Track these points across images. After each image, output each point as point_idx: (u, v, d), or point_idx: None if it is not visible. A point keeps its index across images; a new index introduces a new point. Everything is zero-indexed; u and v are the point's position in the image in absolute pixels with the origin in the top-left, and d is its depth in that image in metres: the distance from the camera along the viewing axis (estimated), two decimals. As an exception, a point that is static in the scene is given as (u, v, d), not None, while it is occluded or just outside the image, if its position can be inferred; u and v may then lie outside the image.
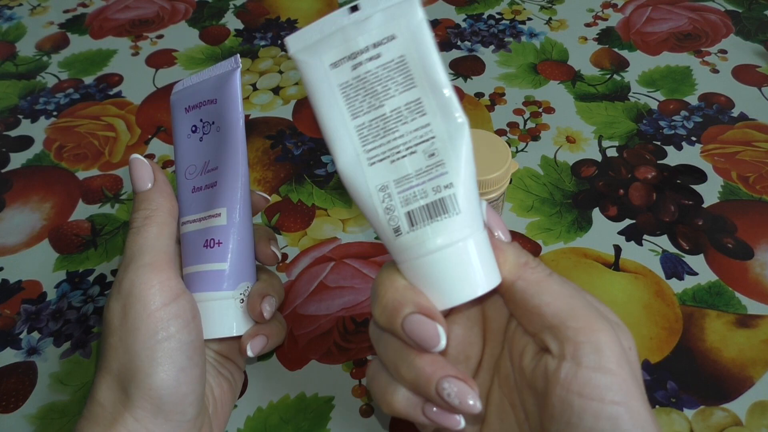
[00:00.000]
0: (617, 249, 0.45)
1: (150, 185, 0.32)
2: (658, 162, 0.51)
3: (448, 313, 0.29)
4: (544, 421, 0.25)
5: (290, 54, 0.26)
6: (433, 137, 0.25)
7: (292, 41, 0.26)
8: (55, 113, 0.59)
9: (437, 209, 0.25)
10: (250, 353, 0.32)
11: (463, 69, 0.61)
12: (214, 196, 0.32)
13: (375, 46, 0.26)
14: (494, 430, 0.28)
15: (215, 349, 0.34)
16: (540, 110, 0.56)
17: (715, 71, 0.59)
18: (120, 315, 0.29)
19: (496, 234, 0.27)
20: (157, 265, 0.30)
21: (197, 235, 0.32)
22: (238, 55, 0.33)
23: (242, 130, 0.32)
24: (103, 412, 0.29)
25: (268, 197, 0.37)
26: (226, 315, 0.32)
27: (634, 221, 0.46)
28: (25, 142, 0.56)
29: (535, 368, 0.26)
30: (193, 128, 0.33)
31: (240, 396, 0.38)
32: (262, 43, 0.66)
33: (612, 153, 0.52)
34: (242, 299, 0.32)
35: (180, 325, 0.29)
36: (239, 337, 0.33)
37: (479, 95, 0.58)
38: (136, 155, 0.33)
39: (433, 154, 0.25)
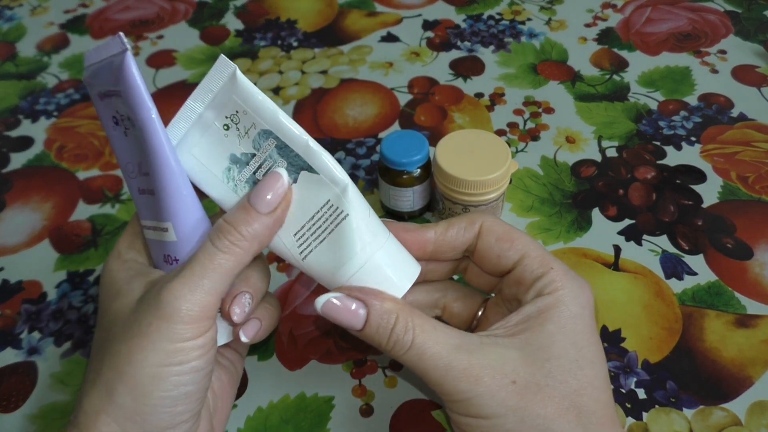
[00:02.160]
0: (617, 249, 0.45)
1: (268, 212, 0.28)
2: (658, 162, 0.51)
3: None
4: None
5: None
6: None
7: None
8: (55, 113, 0.59)
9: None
10: (244, 339, 0.30)
11: (462, 69, 0.61)
12: (157, 207, 0.28)
13: None
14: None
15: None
16: (540, 110, 0.56)
17: (715, 71, 0.59)
18: (138, 329, 0.26)
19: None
20: (204, 303, 0.27)
21: (156, 246, 0.29)
22: (121, 34, 0.27)
23: (159, 128, 0.27)
24: (86, 420, 0.27)
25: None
26: None
27: (633, 221, 0.46)
28: (26, 142, 0.56)
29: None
30: (114, 120, 0.28)
31: (240, 396, 0.38)
32: (262, 43, 0.66)
33: (612, 153, 0.52)
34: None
35: (199, 354, 0.27)
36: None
37: (479, 95, 0.58)
38: (281, 170, 0.28)
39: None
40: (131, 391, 0.26)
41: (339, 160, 0.52)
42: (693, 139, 0.53)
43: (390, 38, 0.65)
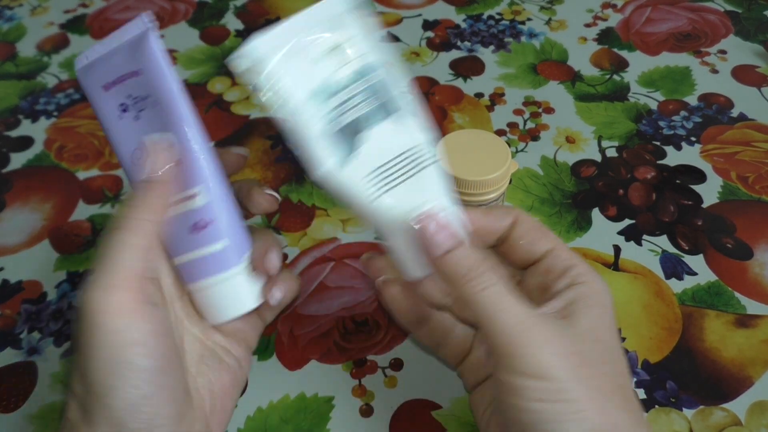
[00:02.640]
0: (617, 249, 0.45)
1: (146, 179, 0.28)
2: (658, 162, 0.51)
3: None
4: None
5: None
6: None
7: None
8: (55, 113, 0.59)
9: None
10: (274, 301, 0.30)
11: (462, 69, 0.61)
12: (182, 176, 0.28)
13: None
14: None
15: (223, 331, 0.32)
16: (540, 110, 0.56)
17: (715, 71, 0.59)
18: (81, 334, 0.26)
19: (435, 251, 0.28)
20: (117, 286, 0.26)
21: (177, 222, 0.29)
22: (147, 13, 0.29)
23: (184, 97, 0.28)
24: (70, 427, 0.26)
25: (245, 153, 0.32)
26: (239, 291, 0.30)
27: (633, 221, 0.46)
28: (26, 142, 0.56)
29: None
30: (122, 107, 0.28)
31: (240, 396, 0.38)
32: (262, 43, 0.66)
33: (611, 153, 0.52)
34: (249, 269, 0.31)
35: (138, 352, 0.26)
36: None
37: (479, 95, 0.58)
38: (154, 137, 0.28)
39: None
40: (97, 403, 0.26)
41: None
42: (693, 139, 0.53)
43: (390, 38, 0.65)
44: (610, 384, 0.26)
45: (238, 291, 0.31)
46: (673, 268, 0.43)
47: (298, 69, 0.27)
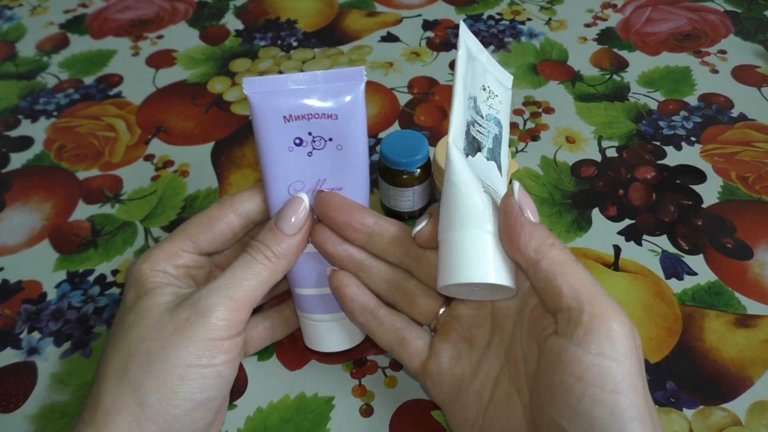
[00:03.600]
0: (617, 249, 0.45)
1: (293, 234, 0.31)
2: (658, 162, 0.51)
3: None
4: (544, 402, 0.26)
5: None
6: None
7: None
8: (55, 113, 0.59)
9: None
10: None
11: (462, 69, 0.61)
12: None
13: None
14: (500, 413, 0.29)
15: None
16: (540, 110, 0.56)
17: (715, 71, 0.59)
18: (175, 325, 0.28)
19: (525, 214, 0.28)
20: (241, 304, 0.29)
21: (321, 258, 0.33)
22: (363, 68, 0.31)
23: (366, 154, 0.31)
24: (106, 419, 0.27)
25: None
26: (347, 331, 0.36)
27: (633, 221, 0.46)
28: (26, 142, 0.56)
29: (543, 347, 0.26)
30: (297, 141, 0.30)
31: (240, 396, 0.38)
32: (262, 43, 0.66)
33: (612, 153, 0.52)
34: None
35: (226, 359, 0.28)
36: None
37: (479, 95, 0.58)
38: (303, 195, 0.31)
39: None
40: (158, 390, 0.27)
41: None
42: (693, 139, 0.53)
43: (390, 38, 0.65)
44: (646, 398, 0.25)
45: (346, 330, 0.36)
46: (673, 268, 0.43)
47: (473, 74, 0.33)
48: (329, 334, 0.36)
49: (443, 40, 0.65)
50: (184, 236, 0.32)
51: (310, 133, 0.30)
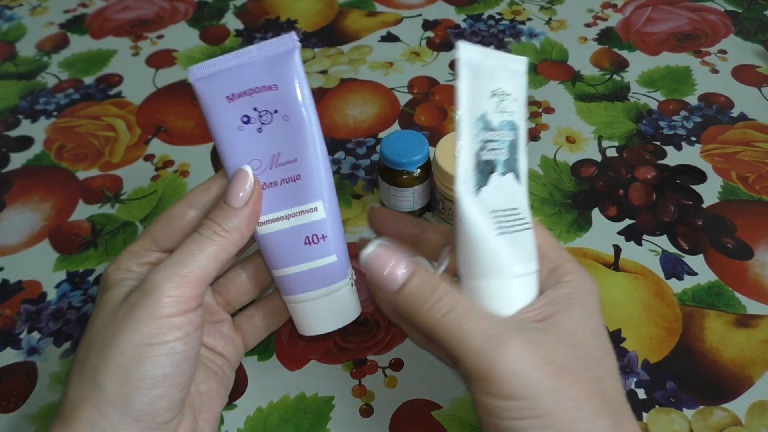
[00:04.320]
0: (617, 249, 0.45)
1: (241, 207, 0.30)
2: (658, 162, 0.51)
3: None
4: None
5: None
6: None
7: None
8: (55, 113, 0.59)
9: None
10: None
11: (462, 69, 0.61)
12: (302, 190, 0.30)
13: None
14: None
15: (206, 343, 0.34)
16: (540, 110, 0.56)
17: (715, 71, 0.59)
18: (125, 310, 0.28)
19: (386, 272, 0.28)
20: (189, 280, 0.29)
21: (291, 234, 0.31)
22: (294, 33, 0.30)
23: (316, 118, 0.30)
24: (71, 410, 0.28)
25: None
26: (346, 302, 0.33)
27: (633, 221, 0.46)
28: (26, 142, 0.56)
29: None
30: (245, 119, 0.30)
31: (240, 396, 0.38)
32: (262, 43, 0.66)
33: (612, 153, 0.52)
34: (353, 282, 0.33)
35: (179, 335, 0.28)
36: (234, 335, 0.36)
37: (479, 95, 0.58)
38: (247, 167, 0.31)
39: None
40: (113, 372, 0.27)
41: (339, 160, 0.52)
42: (693, 139, 0.53)
43: (390, 38, 0.65)
44: (586, 390, 0.26)
45: (343, 303, 0.33)
46: (673, 268, 0.43)
47: (479, 88, 0.29)
48: (320, 313, 0.33)
49: (443, 40, 0.65)
50: (145, 236, 0.32)
51: (255, 109, 0.29)
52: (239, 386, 0.38)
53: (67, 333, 0.42)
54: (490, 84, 0.30)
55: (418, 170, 0.44)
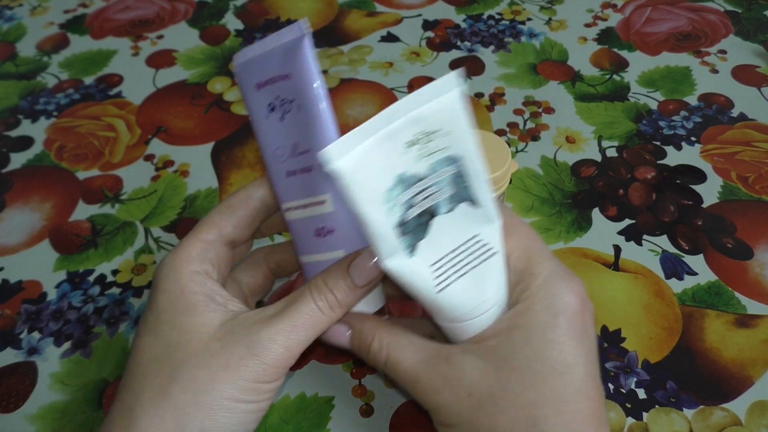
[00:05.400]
0: (617, 249, 0.45)
1: (363, 285, 0.29)
2: (658, 162, 0.51)
3: None
4: None
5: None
6: None
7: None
8: (55, 113, 0.59)
9: None
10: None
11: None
12: (313, 182, 0.29)
13: None
14: None
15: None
16: (540, 110, 0.56)
17: (715, 71, 0.59)
18: (226, 360, 0.27)
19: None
20: (293, 354, 0.28)
21: (305, 224, 0.30)
22: (304, 20, 0.29)
23: (329, 106, 0.29)
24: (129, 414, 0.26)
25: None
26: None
27: (633, 221, 0.46)
28: (26, 142, 0.56)
29: None
30: (270, 107, 0.29)
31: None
32: (262, 43, 0.66)
33: (612, 153, 0.52)
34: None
35: (269, 396, 0.29)
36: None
37: (479, 95, 0.58)
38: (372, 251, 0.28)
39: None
40: (203, 420, 0.26)
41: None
42: (693, 139, 0.53)
43: (390, 38, 0.65)
44: (509, 418, 0.26)
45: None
46: (673, 268, 0.43)
47: (378, 163, 0.26)
48: None
49: (443, 40, 0.65)
50: (209, 226, 0.31)
51: (278, 97, 0.29)
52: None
53: (67, 333, 0.42)
54: (402, 138, 0.26)
55: (418, 170, 0.44)
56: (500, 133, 0.54)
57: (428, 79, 0.60)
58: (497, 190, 0.43)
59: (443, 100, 0.26)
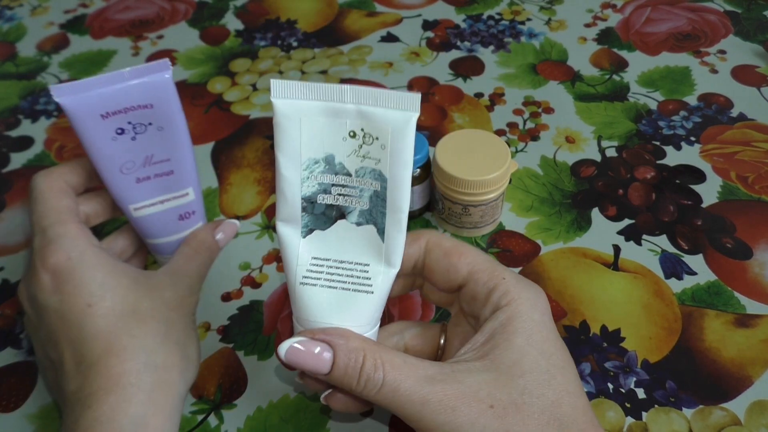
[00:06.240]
0: (616, 249, 0.45)
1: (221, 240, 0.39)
2: (658, 162, 0.51)
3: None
4: None
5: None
6: None
7: None
8: (55, 113, 0.59)
9: None
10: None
11: (462, 69, 0.61)
12: (175, 181, 0.36)
13: None
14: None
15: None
16: (539, 110, 0.56)
17: (715, 71, 0.59)
18: (153, 384, 0.31)
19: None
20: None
21: (168, 214, 0.37)
22: (166, 60, 0.33)
23: (186, 129, 0.35)
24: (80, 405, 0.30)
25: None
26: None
27: (633, 221, 0.46)
28: (26, 142, 0.57)
29: None
30: (119, 131, 0.34)
31: (240, 396, 0.38)
32: (262, 43, 0.66)
33: (611, 153, 0.52)
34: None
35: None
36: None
37: (479, 95, 0.58)
38: (237, 223, 0.40)
39: None
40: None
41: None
42: (693, 139, 0.53)
43: (390, 38, 0.65)
44: (538, 422, 0.26)
45: None
46: (673, 267, 0.43)
47: (322, 129, 0.27)
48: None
49: (443, 40, 0.65)
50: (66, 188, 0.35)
51: (129, 122, 0.34)
52: (239, 386, 0.38)
53: (67, 333, 0.42)
54: (343, 126, 0.27)
55: (418, 170, 0.44)
56: (500, 133, 0.54)
57: (428, 80, 0.60)
58: (497, 190, 0.43)
59: (397, 116, 0.26)
